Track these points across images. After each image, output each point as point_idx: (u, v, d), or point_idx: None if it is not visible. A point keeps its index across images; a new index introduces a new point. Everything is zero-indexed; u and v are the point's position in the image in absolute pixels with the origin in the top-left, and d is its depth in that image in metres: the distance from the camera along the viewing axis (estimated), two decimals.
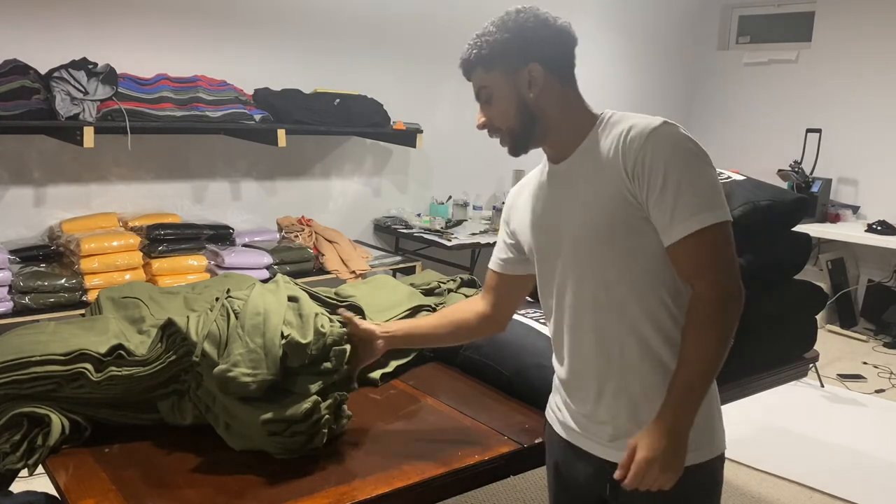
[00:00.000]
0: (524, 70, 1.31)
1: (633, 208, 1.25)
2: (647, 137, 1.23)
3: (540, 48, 1.32)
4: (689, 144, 1.25)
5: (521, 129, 1.34)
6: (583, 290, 1.34)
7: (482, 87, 1.35)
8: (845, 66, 5.41)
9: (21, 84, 2.94)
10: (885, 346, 4.85)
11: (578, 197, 1.32)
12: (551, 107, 1.33)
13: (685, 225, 1.21)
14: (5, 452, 1.47)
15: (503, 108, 1.33)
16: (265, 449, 1.50)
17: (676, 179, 1.21)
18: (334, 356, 1.53)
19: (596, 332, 1.34)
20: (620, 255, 1.28)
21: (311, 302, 1.66)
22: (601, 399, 1.36)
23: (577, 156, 1.33)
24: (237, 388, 1.47)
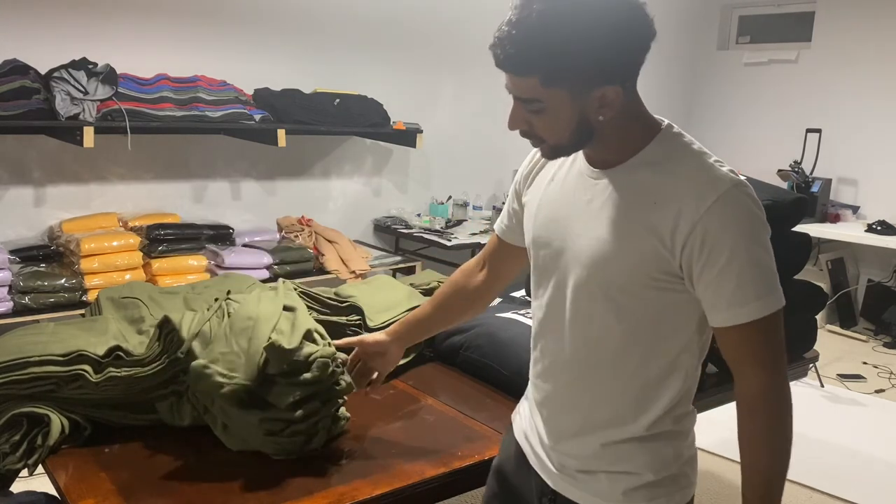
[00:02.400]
0: (597, 91, 1.06)
1: (662, 272, 1.10)
2: (714, 204, 1.04)
3: (623, 68, 1.08)
4: (759, 216, 1.08)
5: (572, 145, 1.14)
6: (572, 328, 1.20)
7: (535, 99, 1.08)
8: (845, 66, 5.41)
9: (21, 84, 2.94)
10: (885, 346, 4.85)
11: (601, 227, 1.14)
12: (614, 121, 1.11)
13: (745, 310, 1.08)
14: (5, 453, 1.47)
15: (557, 126, 1.11)
16: (263, 450, 1.49)
17: (741, 261, 1.05)
18: (317, 367, 1.48)
19: (577, 373, 1.22)
20: (626, 309, 1.14)
21: (308, 316, 1.63)
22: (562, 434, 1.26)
23: (622, 172, 1.14)
24: (209, 387, 1.45)
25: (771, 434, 1.12)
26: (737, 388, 1.15)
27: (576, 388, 1.23)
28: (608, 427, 1.21)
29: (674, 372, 1.18)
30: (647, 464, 1.20)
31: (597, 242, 1.14)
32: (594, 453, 1.22)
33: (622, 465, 1.21)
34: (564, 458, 1.26)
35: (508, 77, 1.11)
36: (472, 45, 4.73)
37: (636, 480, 1.20)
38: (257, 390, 1.47)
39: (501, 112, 4.20)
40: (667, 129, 1.15)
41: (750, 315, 1.08)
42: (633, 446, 1.20)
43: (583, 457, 1.23)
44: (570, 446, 1.25)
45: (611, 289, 1.14)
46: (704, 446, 3.26)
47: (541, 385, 1.30)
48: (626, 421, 1.20)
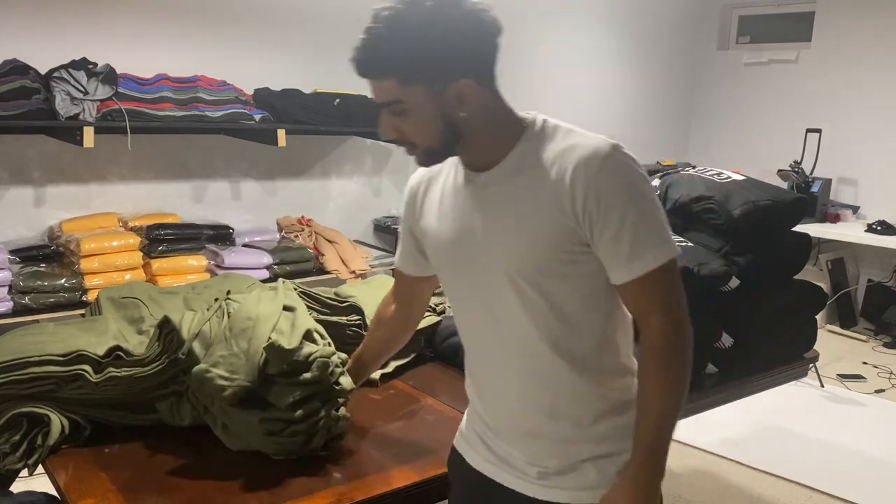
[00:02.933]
0: (453, 86, 1.10)
1: (576, 241, 1.14)
2: (600, 167, 1.11)
3: (473, 60, 1.12)
4: (640, 173, 1.14)
5: (442, 147, 1.17)
6: (502, 326, 1.21)
7: (396, 101, 1.12)
8: (845, 66, 5.41)
9: (21, 84, 2.94)
10: (885, 346, 4.85)
11: (506, 223, 1.17)
12: (479, 120, 1.15)
13: (642, 263, 1.12)
14: (5, 453, 1.47)
15: (422, 127, 1.14)
16: (263, 450, 1.49)
17: (633, 217, 1.11)
18: (317, 367, 1.48)
19: (524, 373, 1.22)
20: (554, 291, 1.17)
21: (307, 316, 1.63)
22: (526, 440, 1.25)
23: (503, 169, 1.18)
24: (212, 391, 1.46)
25: (666, 375, 1.16)
26: (641, 339, 1.19)
27: (535, 384, 1.22)
28: (577, 410, 1.22)
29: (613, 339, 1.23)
30: (622, 440, 1.21)
31: (505, 237, 1.17)
32: (579, 445, 1.22)
33: (606, 445, 1.22)
34: (547, 462, 1.24)
35: (371, 85, 1.14)
36: None
37: (620, 460, 1.21)
38: (257, 390, 1.47)
39: None
40: (533, 121, 1.20)
41: (646, 266, 1.13)
42: (607, 423, 1.22)
43: (569, 453, 1.23)
44: (549, 449, 1.24)
45: (532, 275, 1.17)
46: (704, 446, 3.26)
47: (492, 401, 1.29)
48: (588, 399, 1.22)
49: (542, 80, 5.09)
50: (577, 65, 5.31)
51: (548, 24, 5.09)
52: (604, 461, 1.22)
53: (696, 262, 1.97)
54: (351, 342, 1.82)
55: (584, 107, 5.35)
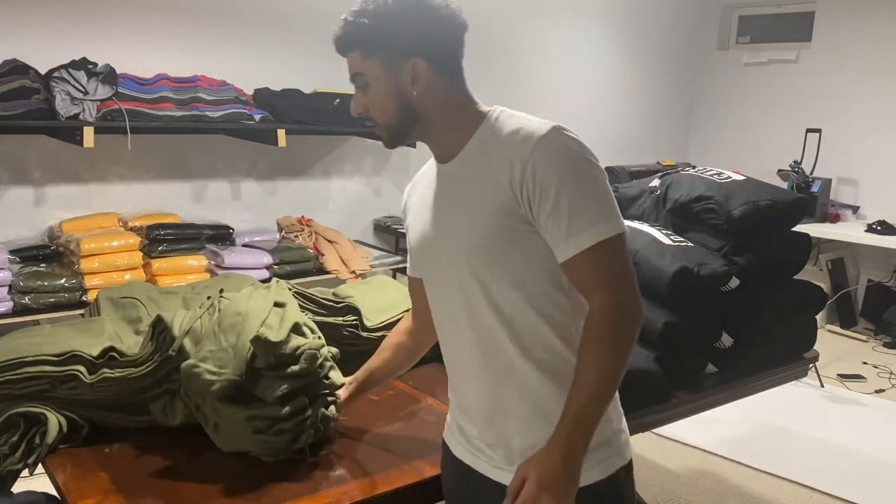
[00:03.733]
0: (407, 64, 1.19)
1: (519, 219, 1.17)
2: (535, 146, 1.14)
3: (426, 41, 1.20)
4: (581, 151, 1.17)
5: (399, 125, 1.24)
6: (464, 306, 1.25)
7: (358, 73, 1.23)
8: (845, 66, 5.41)
9: (21, 84, 2.94)
10: (885, 346, 4.85)
11: (461, 205, 1.23)
12: (435, 104, 1.22)
13: (580, 239, 1.13)
14: (5, 454, 1.47)
15: (380, 101, 1.22)
16: (251, 449, 1.49)
17: (570, 193, 1.13)
18: (305, 360, 1.48)
19: (480, 351, 1.25)
20: (504, 269, 1.20)
21: (297, 311, 1.63)
22: (491, 421, 1.28)
23: (463, 157, 1.25)
24: (200, 385, 1.46)
25: (601, 354, 1.15)
26: (586, 318, 1.19)
27: (492, 369, 1.25)
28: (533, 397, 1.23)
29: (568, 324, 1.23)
30: None
31: (457, 221, 1.23)
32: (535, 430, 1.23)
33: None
34: (509, 450, 1.26)
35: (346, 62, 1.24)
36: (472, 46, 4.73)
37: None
38: (246, 386, 1.47)
39: None
40: (492, 112, 1.25)
41: (584, 243, 1.13)
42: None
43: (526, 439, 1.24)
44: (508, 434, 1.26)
45: (481, 255, 1.20)
46: (704, 446, 3.26)
47: (461, 388, 1.33)
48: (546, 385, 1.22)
49: (542, 80, 5.09)
50: (576, 65, 5.31)
51: (548, 24, 5.09)
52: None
53: (696, 262, 1.97)
54: (347, 343, 1.83)
55: (584, 107, 5.36)
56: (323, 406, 1.54)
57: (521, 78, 5.00)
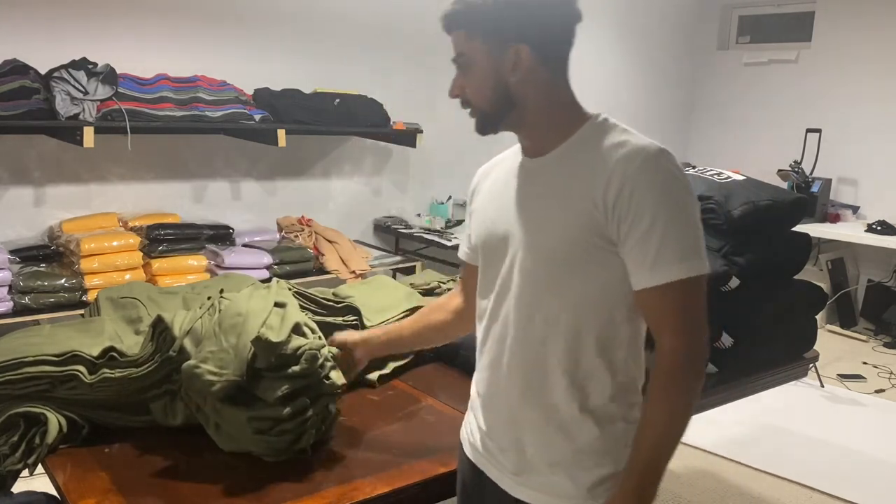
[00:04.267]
0: (510, 49, 1.15)
1: (602, 236, 1.13)
2: (640, 166, 1.10)
3: (533, 28, 1.15)
4: (683, 181, 1.12)
5: (494, 112, 1.20)
6: (517, 309, 1.21)
7: (461, 53, 1.19)
8: (845, 66, 5.41)
9: (21, 84, 2.94)
10: (885, 346, 4.85)
11: (543, 207, 1.19)
12: (535, 96, 1.18)
13: (665, 271, 1.09)
14: (5, 454, 1.47)
15: (479, 84, 1.19)
16: (252, 449, 1.49)
17: (664, 222, 1.08)
18: (305, 360, 1.48)
19: (520, 355, 1.22)
20: (569, 284, 1.16)
21: (298, 311, 1.63)
22: (510, 426, 1.25)
23: (555, 157, 1.20)
24: (201, 386, 1.46)
25: (670, 400, 1.13)
26: (655, 354, 1.16)
27: (527, 374, 1.22)
28: (561, 412, 1.20)
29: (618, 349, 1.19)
30: (608, 452, 1.20)
31: (536, 220, 1.19)
32: (553, 446, 1.21)
33: (581, 456, 1.20)
34: (520, 458, 1.24)
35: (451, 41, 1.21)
36: None
37: (598, 473, 1.19)
38: (247, 386, 1.47)
39: None
40: (595, 118, 1.21)
41: (669, 276, 1.10)
42: (589, 434, 1.19)
43: (540, 452, 1.22)
44: (526, 442, 1.23)
45: (554, 263, 1.16)
46: (704, 446, 3.26)
47: (490, 379, 1.29)
48: (579, 401, 1.19)
49: None
50: (577, 65, 5.29)
51: None
52: (578, 471, 1.20)
53: None
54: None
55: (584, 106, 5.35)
56: (323, 406, 1.54)
57: None
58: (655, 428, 1.13)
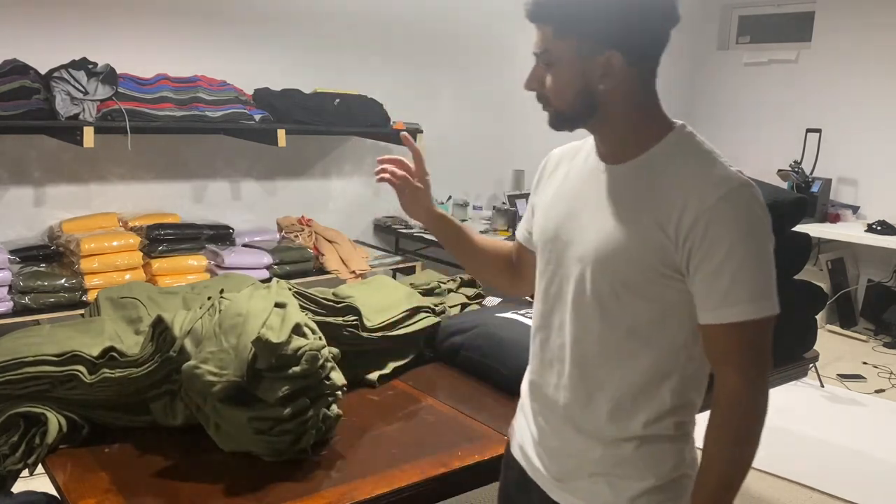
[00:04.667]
0: (602, 55, 1.08)
1: (669, 264, 1.09)
2: (722, 197, 1.05)
3: (630, 35, 1.08)
4: (763, 219, 1.07)
5: (573, 114, 1.14)
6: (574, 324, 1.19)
7: (546, 49, 1.12)
8: (845, 66, 5.41)
9: (21, 84, 2.94)
10: (885, 346, 4.85)
11: (612, 224, 1.13)
12: (622, 104, 1.12)
13: (735, 310, 1.06)
14: (5, 454, 1.47)
15: (561, 86, 1.13)
16: (252, 449, 1.49)
17: (739, 260, 1.04)
18: (306, 360, 1.48)
19: (575, 371, 1.20)
20: (632, 308, 1.13)
21: (298, 312, 1.63)
22: (558, 434, 1.24)
23: (632, 168, 1.14)
24: (202, 387, 1.46)
25: (735, 443, 1.10)
26: (715, 386, 1.14)
27: (577, 387, 1.20)
28: (609, 426, 1.18)
29: (673, 373, 1.16)
30: (649, 467, 1.18)
31: (602, 235, 1.14)
32: (597, 457, 1.19)
33: (623, 468, 1.18)
34: (564, 463, 1.23)
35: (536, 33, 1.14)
36: (472, 45, 4.73)
37: (639, 486, 1.18)
38: (247, 387, 1.47)
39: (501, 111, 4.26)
40: (680, 128, 1.16)
41: (738, 315, 1.07)
42: (634, 449, 1.17)
43: (584, 461, 1.21)
44: (571, 449, 1.22)
45: (615, 282, 1.13)
46: None
47: (539, 383, 1.28)
48: (626, 420, 1.17)
49: None
50: None
51: None
52: (619, 481, 1.19)
53: None
54: (347, 343, 1.82)
55: None
56: (324, 406, 1.54)
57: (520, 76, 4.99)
58: (716, 474, 1.11)
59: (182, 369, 1.48)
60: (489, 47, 4.79)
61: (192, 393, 1.51)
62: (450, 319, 2.12)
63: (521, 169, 5.09)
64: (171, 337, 1.57)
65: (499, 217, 4.47)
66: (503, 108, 4.90)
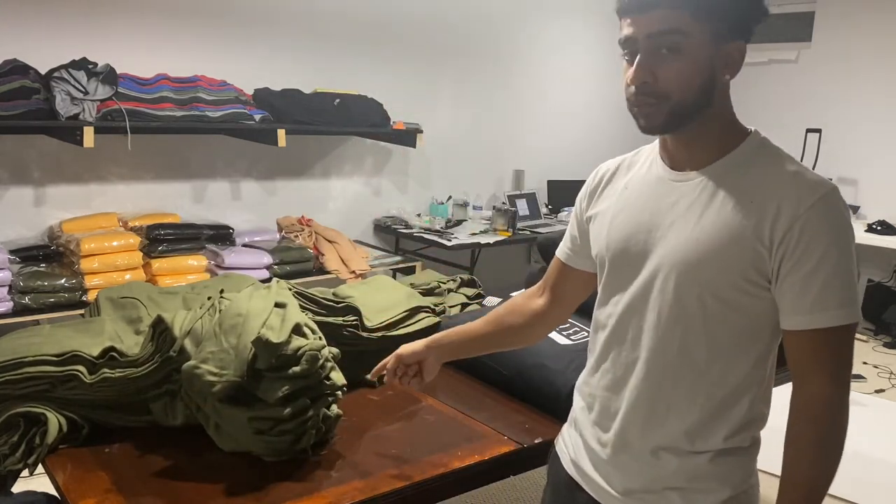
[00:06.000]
0: (732, 44, 1.06)
1: (759, 272, 1.07)
2: (816, 203, 1.03)
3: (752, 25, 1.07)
4: (850, 224, 1.07)
5: (692, 108, 1.08)
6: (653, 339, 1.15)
7: (676, 30, 1.04)
8: (845, 66, 5.41)
9: (21, 84, 2.95)
10: (885, 346, 4.85)
11: (691, 228, 1.10)
12: (721, 101, 1.11)
13: (824, 316, 1.04)
14: (5, 454, 1.47)
15: (688, 73, 1.06)
16: (253, 450, 1.49)
17: (831, 265, 1.03)
18: (306, 361, 1.48)
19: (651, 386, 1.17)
20: (719, 320, 1.10)
21: (298, 312, 1.63)
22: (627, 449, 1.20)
23: (711, 175, 1.11)
24: (202, 387, 1.45)
25: (822, 446, 1.09)
26: (796, 393, 1.11)
27: (654, 401, 1.17)
28: (687, 441, 1.16)
29: (752, 387, 1.15)
30: (725, 480, 1.16)
31: (689, 244, 1.10)
32: (671, 470, 1.17)
33: (699, 482, 1.16)
34: (632, 478, 1.20)
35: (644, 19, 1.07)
36: (472, 45, 4.73)
37: (713, 498, 1.16)
38: (247, 387, 1.47)
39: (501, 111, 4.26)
40: (755, 134, 1.15)
41: (829, 321, 1.05)
42: (710, 462, 1.15)
43: (657, 475, 1.18)
44: (642, 463, 1.19)
45: (703, 293, 1.10)
46: None
47: (608, 398, 1.23)
48: (705, 434, 1.15)
49: (541, 79, 5.09)
50: (576, 64, 5.31)
51: (548, 23, 5.09)
52: (693, 493, 1.17)
53: None
54: (347, 343, 1.82)
55: (583, 106, 5.36)
56: (324, 406, 1.54)
57: (521, 75, 5.00)
58: (806, 482, 1.09)
59: (182, 369, 1.48)
60: (489, 47, 4.79)
61: (192, 393, 1.50)
62: (450, 319, 2.12)
63: (521, 169, 5.09)
64: (171, 337, 1.57)
65: (499, 217, 4.47)
66: (503, 108, 4.90)
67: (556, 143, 5.29)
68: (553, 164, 5.25)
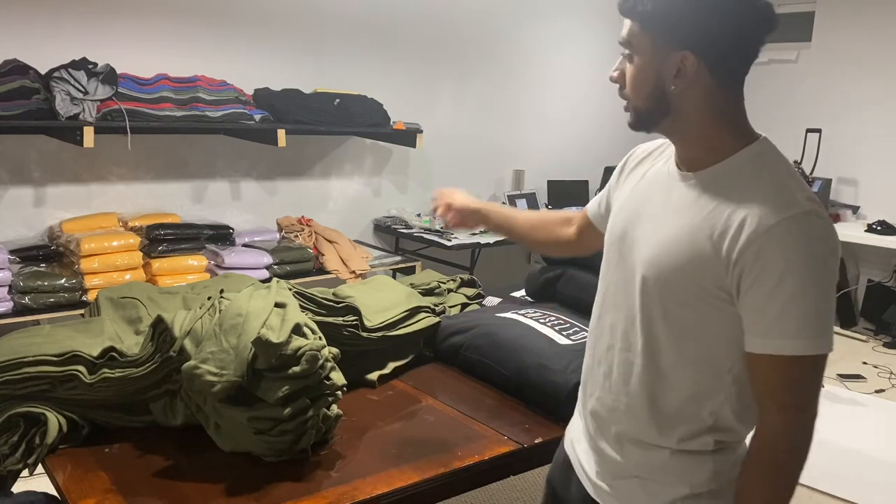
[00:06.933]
0: (676, 55, 1.06)
1: (718, 287, 1.06)
2: (777, 224, 0.99)
3: (707, 38, 1.05)
4: (825, 253, 1.01)
5: (648, 112, 1.13)
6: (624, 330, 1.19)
7: (629, 42, 1.12)
8: (845, 66, 5.41)
9: (21, 84, 2.95)
10: (885, 346, 4.85)
11: (667, 229, 1.12)
12: (697, 107, 1.09)
13: (781, 343, 1.01)
14: (5, 454, 1.47)
15: (637, 80, 1.12)
16: (252, 450, 1.49)
17: (791, 292, 0.99)
18: (306, 361, 1.48)
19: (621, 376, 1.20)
20: (674, 321, 1.11)
21: (298, 312, 1.64)
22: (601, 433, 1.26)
23: (702, 179, 1.11)
24: (201, 387, 1.45)
25: (766, 477, 1.06)
26: (758, 429, 1.10)
27: (618, 393, 1.21)
28: (646, 435, 1.19)
29: (715, 395, 1.13)
30: (682, 477, 1.17)
31: (659, 247, 1.12)
32: (635, 460, 1.20)
33: (658, 474, 1.18)
34: (604, 462, 1.25)
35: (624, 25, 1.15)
36: (472, 45, 4.73)
37: (671, 492, 1.17)
38: (247, 387, 1.47)
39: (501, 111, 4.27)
40: (761, 142, 1.12)
41: (783, 349, 1.02)
42: (670, 457, 1.17)
43: (624, 463, 1.22)
44: (613, 450, 1.24)
45: (665, 295, 1.11)
46: None
47: (589, 383, 1.30)
48: (667, 431, 1.17)
49: (541, 79, 5.09)
50: (576, 64, 5.31)
51: (548, 23, 5.09)
52: (653, 485, 1.19)
53: None
54: (347, 343, 1.82)
55: (583, 106, 5.36)
56: (324, 406, 1.54)
57: (520, 76, 5.00)
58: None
59: (182, 369, 1.48)
60: (489, 47, 4.79)
61: (192, 393, 1.50)
62: (450, 319, 2.12)
63: (520, 169, 5.09)
64: (171, 337, 1.57)
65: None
66: (503, 108, 4.90)
67: (556, 143, 5.29)
68: (553, 164, 5.25)
